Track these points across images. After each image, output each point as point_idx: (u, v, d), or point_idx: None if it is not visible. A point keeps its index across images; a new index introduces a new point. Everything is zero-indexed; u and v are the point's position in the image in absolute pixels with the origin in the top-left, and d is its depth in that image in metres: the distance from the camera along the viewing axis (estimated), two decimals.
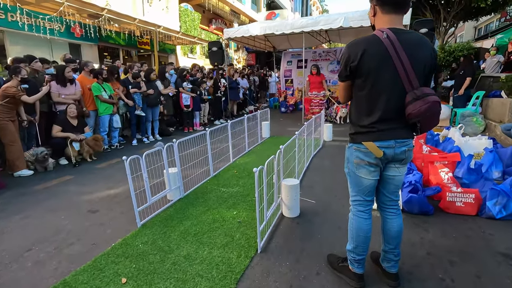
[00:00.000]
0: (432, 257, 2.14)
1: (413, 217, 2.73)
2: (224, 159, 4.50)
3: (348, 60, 1.59)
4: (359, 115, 1.68)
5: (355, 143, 1.71)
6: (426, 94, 1.50)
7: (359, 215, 1.79)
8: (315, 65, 8.35)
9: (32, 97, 4.45)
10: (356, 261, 1.83)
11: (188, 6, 14.39)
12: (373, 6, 1.62)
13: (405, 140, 1.63)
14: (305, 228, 2.59)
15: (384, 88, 1.56)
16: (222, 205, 3.08)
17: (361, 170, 1.71)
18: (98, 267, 2.10)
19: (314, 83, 8.33)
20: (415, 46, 1.53)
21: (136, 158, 2.65)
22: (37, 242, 2.48)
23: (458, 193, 2.75)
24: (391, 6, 1.55)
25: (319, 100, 8.38)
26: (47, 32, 8.04)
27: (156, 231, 2.58)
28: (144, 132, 6.43)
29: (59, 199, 3.37)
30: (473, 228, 2.52)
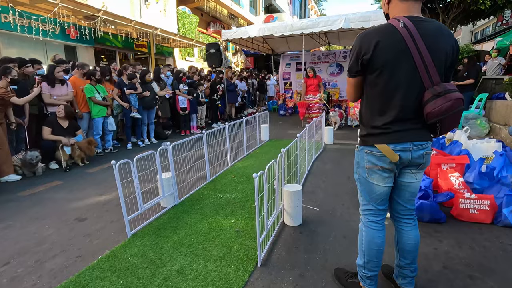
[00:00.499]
0: (449, 271, 1.95)
1: (424, 225, 2.54)
2: (221, 163, 4.31)
3: (360, 52, 1.41)
4: (371, 115, 1.49)
5: (367, 146, 1.52)
6: (448, 90, 1.32)
7: (371, 226, 1.60)
8: (311, 67, 7.87)
9: (22, 99, 4.26)
10: (368, 278, 1.64)
11: (186, 9, 14.28)
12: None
13: (423, 142, 1.45)
14: (309, 238, 2.40)
15: (401, 84, 1.38)
16: (219, 213, 2.88)
17: (373, 176, 1.53)
18: (81, 283, 1.90)
19: (310, 86, 7.81)
20: (436, 36, 1.35)
21: (126, 162, 2.45)
22: (17, 254, 2.27)
23: (472, 200, 2.57)
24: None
25: (315, 103, 7.87)
26: (40, 33, 7.87)
27: (147, 242, 2.38)
28: (139, 135, 6.23)
29: (45, 207, 3.16)
30: (490, 239, 2.33)
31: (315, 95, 7.78)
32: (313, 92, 7.78)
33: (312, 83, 7.75)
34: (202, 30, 16.00)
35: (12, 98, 4.00)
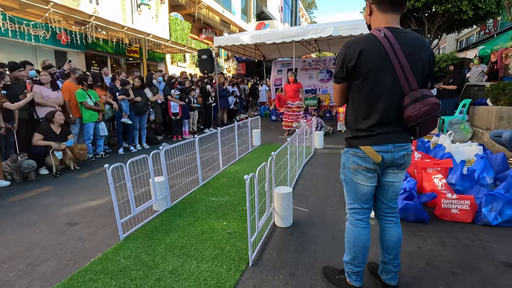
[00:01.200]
0: (432, 268, 2.04)
1: (409, 225, 2.64)
2: (213, 167, 4.36)
3: (345, 60, 1.50)
4: (356, 118, 1.59)
5: (352, 148, 1.61)
6: (425, 95, 1.43)
7: (356, 224, 1.69)
8: (293, 72, 7.45)
9: (15, 104, 4.25)
10: (354, 273, 1.72)
11: (178, 15, 14.38)
12: (369, 4, 1.55)
13: (403, 144, 1.55)
14: (299, 239, 2.47)
15: (383, 89, 1.48)
16: (211, 216, 2.93)
17: (358, 176, 1.61)
18: (74, 285, 1.91)
19: (289, 92, 7.38)
20: (414, 46, 1.47)
21: (119, 166, 2.49)
22: (7, 259, 2.27)
23: (454, 200, 2.69)
24: (388, 4, 1.48)
25: (292, 111, 7.41)
26: (32, 38, 7.84)
27: (140, 245, 2.40)
28: (131, 141, 6.23)
29: (35, 212, 3.15)
30: (470, 237, 2.44)
31: (294, 102, 7.42)
32: (291, 98, 7.41)
33: (291, 88, 7.36)
34: (194, 37, 16.10)
35: (5, 103, 3.98)
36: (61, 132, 4.74)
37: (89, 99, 5.25)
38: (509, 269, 2.00)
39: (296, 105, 7.44)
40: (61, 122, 4.71)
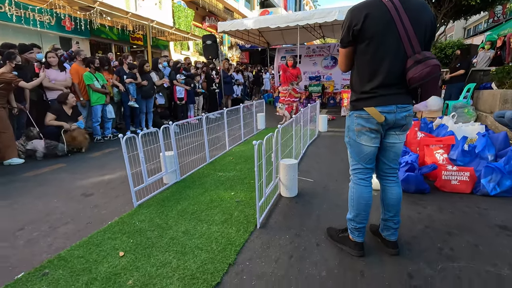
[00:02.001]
0: (430, 230, 2.15)
1: (410, 196, 2.75)
2: (220, 146, 4.47)
3: (351, 24, 1.57)
4: (361, 81, 1.67)
5: (356, 110, 1.70)
6: (427, 57, 1.50)
7: (360, 183, 1.79)
8: (292, 56, 6.95)
9: (30, 83, 4.38)
10: (357, 230, 1.83)
11: (181, 2, 14.30)
12: None
13: (406, 105, 1.63)
14: (304, 207, 2.59)
15: (387, 52, 1.56)
16: (219, 187, 3.05)
17: (362, 137, 1.71)
18: (95, 242, 2.05)
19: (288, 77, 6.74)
20: (417, 10, 1.53)
21: (132, 137, 2.60)
22: (29, 223, 2.41)
23: (454, 171, 2.78)
24: None
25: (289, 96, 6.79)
26: (37, 24, 7.89)
27: (153, 211, 2.54)
28: (138, 124, 6.34)
29: (50, 186, 3.29)
30: (469, 205, 2.54)
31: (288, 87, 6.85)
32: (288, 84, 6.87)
33: (290, 73, 6.74)
34: (197, 24, 16.03)
35: (20, 82, 4.10)
36: (72, 114, 4.87)
37: (96, 82, 5.35)
38: (504, 231, 2.11)
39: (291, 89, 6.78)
40: (73, 104, 4.84)
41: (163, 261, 1.83)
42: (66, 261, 1.85)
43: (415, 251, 1.90)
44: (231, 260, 1.83)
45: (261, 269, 1.75)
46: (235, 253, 1.90)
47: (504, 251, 1.87)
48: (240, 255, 1.89)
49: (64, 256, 1.90)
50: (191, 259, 1.84)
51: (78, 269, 1.77)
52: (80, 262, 1.84)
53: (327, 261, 1.82)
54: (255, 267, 1.77)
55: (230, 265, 1.79)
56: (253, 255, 1.89)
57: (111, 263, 1.82)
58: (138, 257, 1.88)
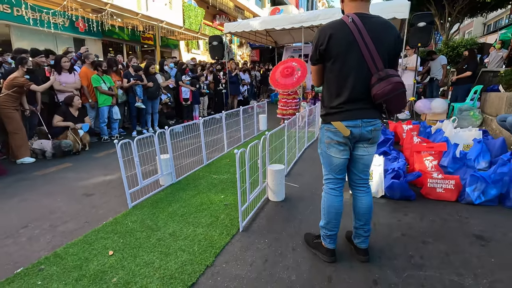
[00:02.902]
0: (406, 238, 2.22)
1: (395, 202, 2.80)
2: (218, 149, 4.61)
3: (318, 44, 1.68)
4: (329, 97, 1.76)
5: (326, 124, 1.79)
6: (390, 75, 1.58)
7: (330, 193, 1.88)
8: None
9: (41, 86, 4.65)
10: (328, 237, 1.92)
11: (191, 1, 14.47)
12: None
13: (371, 120, 1.71)
14: (288, 211, 2.69)
15: (351, 70, 1.64)
16: (211, 190, 3.19)
17: (331, 149, 1.80)
18: (88, 241, 2.24)
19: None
20: (380, 30, 1.61)
21: (127, 142, 2.77)
22: (33, 220, 2.63)
23: (439, 179, 2.81)
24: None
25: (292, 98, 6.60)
26: (51, 26, 8.23)
27: (145, 212, 2.70)
28: (144, 124, 6.58)
29: (56, 185, 3.52)
30: (451, 213, 2.58)
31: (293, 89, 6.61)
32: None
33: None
34: (207, 23, 16.18)
35: (32, 86, 4.37)
36: (79, 115, 5.12)
37: (104, 84, 5.58)
38: (479, 241, 2.15)
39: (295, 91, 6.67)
40: (79, 106, 5.09)
41: (147, 261, 1.98)
42: (61, 258, 2.04)
43: (385, 258, 1.98)
44: (209, 262, 1.96)
45: (236, 272, 1.88)
46: (214, 255, 2.03)
47: (472, 261, 1.92)
48: (218, 257, 2.02)
49: (59, 253, 2.09)
50: (172, 260, 1.99)
51: (70, 266, 1.95)
52: (73, 260, 2.02)
53: (299, 266, 1.93)
54: (231, 270, 1.90)
55: (208, 267, 1.92)
56: (230, 258, 2.02)
57: (100, 261, 2.00)
58: (125, 256, 2.04)
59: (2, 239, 2.32)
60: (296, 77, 6.10)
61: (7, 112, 4.25)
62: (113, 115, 5.85)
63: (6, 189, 3.37)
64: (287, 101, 6.71)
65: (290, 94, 6.65)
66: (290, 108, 6.69)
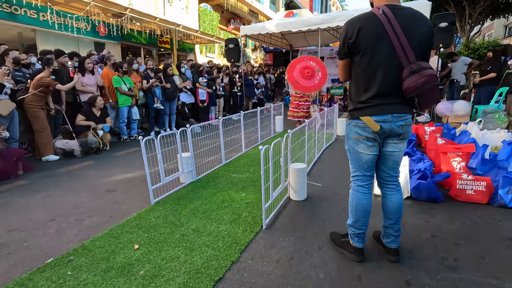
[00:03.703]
0: (436, 239, 2.14)
1: (421, 204, 2.71)
2: (236, 148, 4.62)
3: (346, 37, 1.65)
4: (357, 91, 1.73)
5: (354, 119, 1.76)
6: (423, 67, 1.53)
7: (358, 190, 1.83)
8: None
9: (66, 86, 4.82)
10: (356, 235, 1.87)
11: (207, 6, 14.70)
12: None
13: (402, 114, 1.66)
14: (311, 210, 2.65)
15: (381, 63, 1.60)
16: (231, 188, 3.19)
17: (360, 145, 1.75)
18: (114, 235, 2.26)
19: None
20: (412, 21, 1.56)
21: (151, 139, 2.81)
22: (59, 214, 2.69)
23: (469, 181, 2.70)
24: None
25: (304, 101, 6.63)
26: (74, 31, 8.51)
27: (168, 208, 2.72)
28: (161, 125, 6.68)
29: (80, 181, 3.60)
30: (482, 216, 2.47)
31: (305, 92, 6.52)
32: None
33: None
34: (222, 27, 16.38)
35: (57, 85, 4.52)
36: (101, 115, 5.25)
37: (124, 85, 5.71)
38: None
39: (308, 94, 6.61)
40: (101, 106, 5.22)
41: (172, 256, 1.99)
42: (88, 250, 2.07)
43: (416, 259, 1.91)
44: (234, 258, 1.95)
45: (262, 268, 1.85)
46: (239, 251, 2.01)
47: (511, 265, 1.83)
48: (243, 254, 2.00)
49: (87, 246, 2.12)
50: (198, 255, 1.98)
51: (98, 258, 1.97)
52: (100, 252, 2.04)
53: (326, 264, 1.88)
54: (256, 266, 1.87)
55: (233, 263, 1.90)
56: (255, 254, 1.99)
57: (127, 254, 2.01)
58: (151, 250, 2.05)
59: (32, 231, 2.38)
60: (318, 79, 6.04)
61: (33, 111, 4.40)
62: (132, 115, 5.97)
63: (32, 185, 3.47)
64: (299, 103, 6.68)
65: (302, 97, 6.61)
66: (302, 111, 6.67)
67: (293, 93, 6.76)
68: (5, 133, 3.86)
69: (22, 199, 3.05)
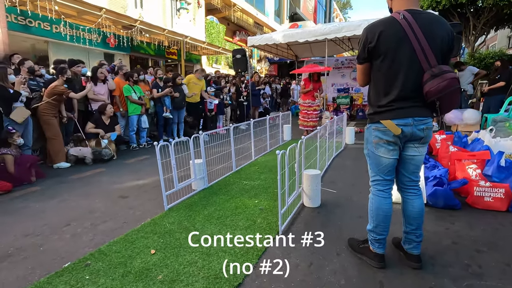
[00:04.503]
0: (457, 246, 2.09)
1: (438, 211, 2.67)
2: (246, 156, 4.62)
3: (366, 41, 1.66)
4: (377, 95, 1.73)
5: (374, 123, 1.75)
6: (444, 71, 1.53)
7: (378, 194, 1.81)
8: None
9: (78, 94, 4.91)
10: (377, 241, 1.84)
11: (213, 18, 15.03)
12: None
13: (423, 118, 1.65)
14: (326, 217, 2.62)
15: (402, 67, 1.60)
16: (244, 195, 3.17)
17: (380, 149, 1.74)
18: (130, 240, 2.25)
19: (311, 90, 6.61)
20: (432, 25, 1.57)
21: (165, 145, 2.83)
22: (74, 219, 2.69)
23: (487, 188, 2.66)
24: None
25: (313, 110, 6.65)
26: (86, 42, 8.72)
27: (182, 214, 2.71)
28: (170, 133, 6.72)
29: (93, 187, 3.62)
30: (503, 223, 2.42)
31: (314, 101, 6.65)
32: (312, 97, 6.65)
33: (314, 86, 6.62)
34: (228, 39, 16.67)
35: (70, 93, 4.61)
36: (110, 123, 5.30)
37: (134, 94, 5.79)
38: None
39: (317, 104, 6.69)
40: (111, 114, 5.27)
41: (189, 261, 1.97)
42: (105, 255, 2.06)
43: (439, 266, 1.86)
44: (252, 263, 1.92)
45: (281, 274, 1.82)
46: (257, 257, 1.99)
47: None
48: (261, 259, 1.98)
49: (103, 250, 2.11)
50: (215, 260, 1.96)
51: (115, 263, 1.96)
52: (117, 257, 2.03)
53: (346, 271, 1.85)
54: (275, 272, 1.84)
55: (252, 268, 1.87)
56: (274, 260, 1.96)
57: (144, 259, 2.00)
58: (168, 255, 2.04)
59: (48, 235, 2.38)
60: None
61: (47, 119, 4.47)
62: (141, 123, 6.03)
63: (46, 191, 3.49)
64: (307, 112, 6.72)
65: (311, 106, 6.65)
66: (311, 120, 6.69)
67: (301, 102, 6.83)
68: (19, 140, 3.91)
69: (37, 204, 3.07)
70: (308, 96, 6.64)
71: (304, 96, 6.71)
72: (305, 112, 6.76)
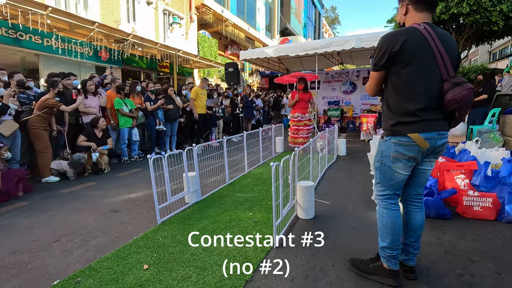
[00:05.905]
0: (450, 256, 2.12)
1: (430, 221, 2.70)
2: (239, 168, 4.61)
3: (388, 48, 1.61)
4: (397, 104, 1.66)
5: (396, 136, 1.66)
6: (463, 81, 1.56)
7: (391, 208, 1.77)
8: (303, 78, 6.29)
9: (70, 107, 4.85)
10: (393, 257, 1.77)
11: (206, 32, 15.26)
12: (405, 5, 1.71)
13: (445, 132, 1.65)
14: (320, 228, 2.62)
15: (424, 76, 1.60)
16: (238, 208, 3.16)
17: (398, 164, 1.68)
18: (122, 255, 2.20)
19: (300, 102, 6.15)
20: (448, 39, 1.63)
21: (159, 157, 2.81)
22: (64, 235, 2.61)
23: (475, 197, 2.73)
24: (424, 4, 1.66)
25: (304, 125, 6.23)
26: (78, 56, 8.71)
27: (175, 228, 2.67)
28: (162, 146, 6.68)
29: (83, 201, 3.54)
30: (493, 232, 2.47)
31: (304, 114, 6.21)
32: (301, 110, 6.20)
33: (302, 98, 6.15)
34: (220, 53, 16.90)
35: (61, 106, 4.55)
36: (102, 136, 5.25)
37: (125, 107, 5.77)
38: None
39: (308, 118, 6.26)
40: (104, 127, 5.23)
41: (184, 275, 1.93)
42: (96, 271, 2.00)
43: (433, 276, 1.88)
44: (247, 277, 1.90)
45: (277, 287, 1.80)
46: (252, 270, 1.97)
47: None
48: (256, 272, 1.96)
49: (94, 266, 2.06)
50: (210, 275, 1.93)
51: (106, 279, 1.91)
52: (108, 273, 1.98)
53: (343, 282, 1.84)
54: (271, 285, 1.83)
55: (247, 282, 1.85)
56: (269, 273, 1.95)
57: (136, 275, 1.95)
58: (161, 270, 1.99)
59: (36, 252, 2.31)
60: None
61: (36, 132, 4.39)
62: (132, 136, 5.98)
63: (34, 206, 3.40)
64: (297, 128, 6.29)
65: (300, 121, 6.23)
66: (301, 137, 6.25)
67: (291, 117, 6.40)
68: (7, 153, 3.83)
69: (24, 220, 2.98)
70: (297, 109, 6.23)
71: (293, 110, 6.32)
72: (295, 128, 6.30)
